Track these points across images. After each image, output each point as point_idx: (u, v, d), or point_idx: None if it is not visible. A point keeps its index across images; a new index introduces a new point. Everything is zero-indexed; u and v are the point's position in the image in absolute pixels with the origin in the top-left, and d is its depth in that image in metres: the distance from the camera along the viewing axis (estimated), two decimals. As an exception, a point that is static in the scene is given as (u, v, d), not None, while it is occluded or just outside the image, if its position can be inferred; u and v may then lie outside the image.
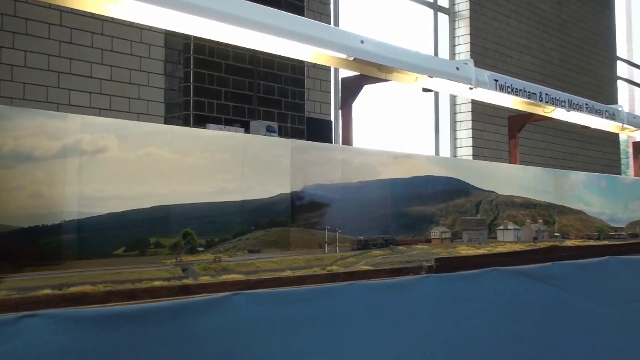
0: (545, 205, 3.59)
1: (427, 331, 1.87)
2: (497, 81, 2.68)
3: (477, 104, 7.22)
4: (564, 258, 2.43)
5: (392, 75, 2.39)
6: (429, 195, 2.88)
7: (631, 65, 11.61)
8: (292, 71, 5.41)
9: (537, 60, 8.68)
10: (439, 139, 7.65)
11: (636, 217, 4.34)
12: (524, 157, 8.02)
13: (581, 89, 9.32)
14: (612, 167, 9.72)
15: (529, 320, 2.24)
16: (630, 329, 2.72)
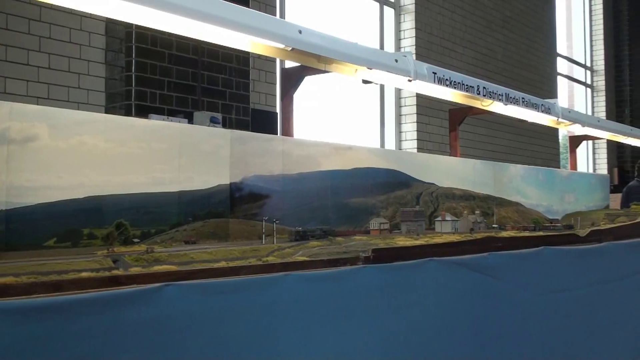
0: (484, 197, 3.66)
1: (363, 321, 1.88)
2: (435, 74, 2.71)
3: (422, 98, 7.30)
4: (499, 248, 2.48)
5: (332, 67, 2.39)
6: (370, 187, 2.90)
7: (571, 61, 11.91)
8: (236, 62, 5.36)
9: (481, 55, 8.82)
10: (385, 132, 7.71)
11: (572, 209, 4.47)
12: (469, 150, 8.17)
13: (523, 84, 9.53)
14: (552, 161, 9.99)
15: (465, 309, 2.27)
16: (562, 316, 2.79)
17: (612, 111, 12.36)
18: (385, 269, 1.96)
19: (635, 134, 5.01)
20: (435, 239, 2.29)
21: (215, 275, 1.51)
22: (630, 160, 11.82)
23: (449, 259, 2.21)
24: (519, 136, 9.26)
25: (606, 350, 3.21)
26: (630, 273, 3.48)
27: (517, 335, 2.54)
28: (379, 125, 7.70)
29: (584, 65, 12.25)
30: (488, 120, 7.95)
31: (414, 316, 2.07)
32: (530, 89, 9.45)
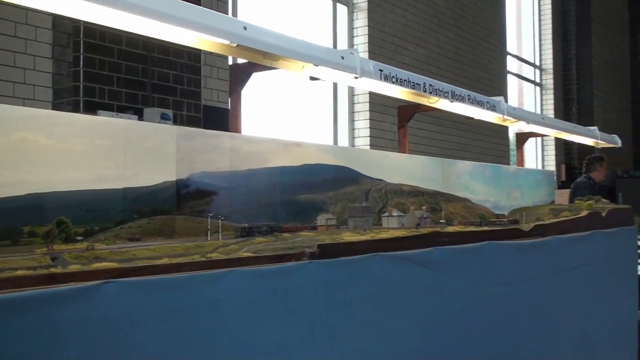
0: (433, 193, 3.71)
1: (309, 316, 1.90)
2: (382, 71, 2.74)
3: (375, 95, 7.36)
4: (445, 243, 2.52)
5: (279, 63, 2.39)
6: (319, 183, 2.92)
7: (520, 60, 12.15)
8: (188, 58, 5.32)
9: (433, 53, 8.94)
10: (338, 129, 7.75)
11: (518, 205, 4.56)
12: (422, 147, 8.28)
13: (473, 82, 9.69)
14: (502, 157, 10.18)
15: (410, 303, 2.31)
16: (506, 309, 2.86)
17: (560, 109, 12.66)
18: (331, 264, 1.98)
19: (578, 131, 5.15)
20: (381, 234, 2.32)
21: (157, 272, 1.50)
22: (577, 157, 12.14)
23: (395, 254, 2.24)
24: (470, 133, 9.41)
25: (550, 341, 3.30)
26: (572, 266, 3.58)
27: (462, 328, 2.59)
28: (332, 122, 7.73)
29: (533, 64, 12.52)
30: (440, 117, 8.06)
31: (359, 311, 2.09)
32: (481, 87, 9.62)
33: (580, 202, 4.24)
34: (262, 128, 6.74)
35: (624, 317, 4.43)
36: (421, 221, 2.73)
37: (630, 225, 4.67)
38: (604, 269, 4.02)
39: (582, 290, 3.70)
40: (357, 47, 7.82)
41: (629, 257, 4.65)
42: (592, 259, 3.82)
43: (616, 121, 15.59)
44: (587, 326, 3.77)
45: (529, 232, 3.21)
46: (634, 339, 4.59)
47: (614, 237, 4.22)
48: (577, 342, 3.64)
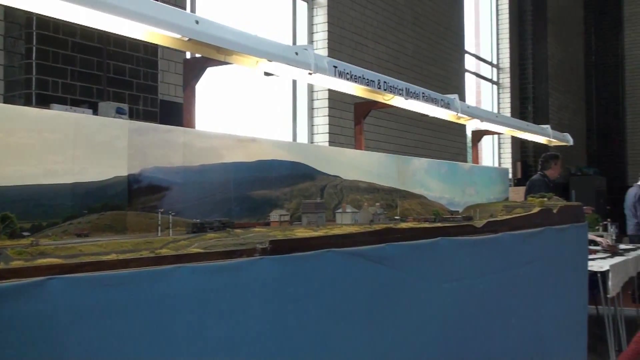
0: (389, 189, 3.75)
1: (260, 313, 1.89)
2: (336, 67, 2.74)
3: (334, 92, 7.37)
4: (398, 239, 2.54)
5: (232, 58, 2.38)
6: (274, 179, 2.92)
7: (478, 59, 12.31)
8: (144, 51, 5.25)
9: (392, 50, 8.99)
10: (297, 126, 7.74)
11: (473, 201, 4.63)
12: (381, 144, 8.33)
13: (432, 80, 9.79)
14: (460, 155, 10.31)
15: (363, 298, 2.32)
16: (458, 304, 2.90)
17: (516, 107, 12.88)
18: (283, 260, 1.98)
19: (531, 130, 5.25)
20: (334, 230, 2.32)
21: (104, 268, 1.48)
22: (533, 155, 12.37)
23: (347, 250, 2.25)
24: (429, 131, 9.50)
25: (501, 336, 3.36)
26: (524, 262, 3.65)
27: (414, 324, 2.62)
28: (291, 118, 7.72)
29: (491, 62, 12.70)
30: (400, 115, 8.12)
31: (312, 307, 2.10)
32: (439, 85, 9.73)
33: (533, 199, 4.32)
34: (221, 124, 6.70)
35: (574, 311, 4.54)
36: (375, 217, 2.75)
37: (581, 222, 4.78)
38: (555, 265, 4.11)
39: (533, 286, 3.77)
40: (316, 43, 7.83)
41: (580, 252, 4.76)
42: (543, 254, 3.90)
43: (570, 120, 15.93)
44: (539, 321, 3.84)
45: (481, 228, 3.26)
46: (584, 332, 4.70)
47: (565, 233, 4.31)
48: (529, 337, 3.71)
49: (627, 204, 10.14)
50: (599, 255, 6.89)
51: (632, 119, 17.09)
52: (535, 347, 3.76)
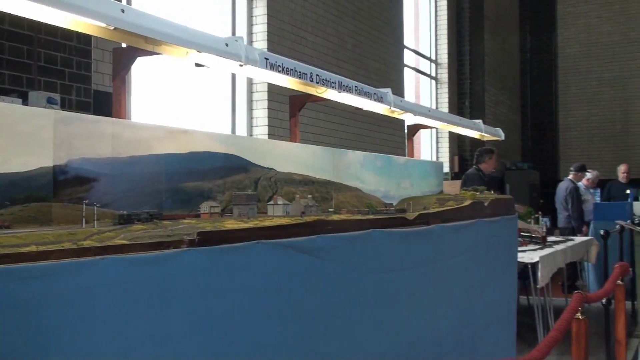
0: (324, 182, 3.77)
1: (187, 305, 1.88)
2: (267, 59, 2.74)
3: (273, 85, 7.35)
4: (329, 231, 2.56)
5: (161, 48, 2.35)
6: (206, 171, 2.90)
7: (417, 54, 12.48)
8: (77, 40, 5.13)
9: (332, 44, 9.03)
10: (236, 118, 7.70)
11: (407, 194, 4.70)
12: (320, 137, 8.36)
13: (371, 74, 9.88)
14: (398, 149, 10.44)
15: (294, 290, 2.33)
16: (389, 295, 2.95)
17: (454, 103, 13.12)
18: (211, 251, 1.97)
19: (464, 124, 5.36)
20: (265, 222, 2.33)
21: (22, 260, 1.45)
22: (469, 149, 12.63)
23: (278, 242, 2.26)
24: (368, 124, 9.59)
25: (432, 326, 3.43)
26: (455, 253, 3.73)
27: (346, 315, 2.65)
28: (230, 111, 7.67)
29: (429, 58, 12.89)
30: (339, 108, 8.15)
31: (241, 298, 2.10)
32: (379, 79, 9.82)
33: (465, 192, 4.42)
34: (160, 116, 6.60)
35: (504, 301, 4.67)
36: (307, 209, 2.77)
37: (512, 215, 4.92)
38: (485, 256, 4.22)
39: (464, 276, 3.86)
40: (256, 35, 7.80)
41: (510, 244, 4.90)
42: (474, 246, 3.99)
43: (506, 115, 16.33)
44: (469, 310, 3.94)
45: (413, 220, 3.31)
46: (513, 321, 4.84)
47: (496, 225, 4.43)
48: (459, 326, 3.80)
49: (558, 197, 10.49)
50: (529, 247, 7.10)
51: (564, 115, 17.65)
52: (465, 336, 3.86)
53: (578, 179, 10.61)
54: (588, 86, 17.43)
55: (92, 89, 5.26)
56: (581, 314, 2.83)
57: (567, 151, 17.44)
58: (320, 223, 2.54)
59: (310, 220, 2.50)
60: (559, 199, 10.46)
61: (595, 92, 17.35)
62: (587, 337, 2.80)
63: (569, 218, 10.22)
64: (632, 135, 16.80)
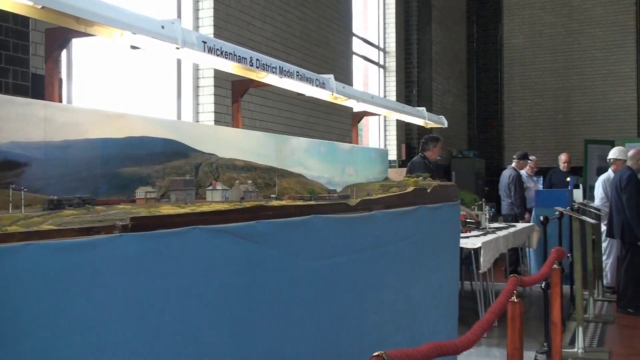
0: (267, 168, 3.75)
1: (120, 290, 1.85)
2: (205, 43, 2.70)
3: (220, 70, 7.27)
4: (269, 217, 2.55)
5: (95, 29, 2.29)
6: (145, 157, 2.85)
7: (366, 42, 12.52)
8: (14, 22, 4.96)
9: (280, 31, 8.97)
10: (181, 104, 7.59)
11: (352, 181, 4.73)
12: (267, 124, 8.32)
13: (320, 62, 9.87)
14: (347, 136, 10.46)
15: (232, 275, 2.31)
16: (330, 281, 2.95)
17: (401, 91, 13.23)
18: (145, 237, 1.94)
19: (407, 111, 5.41)
20: (202, 207, 2.30)
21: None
22: (416, 137, 12.76)
23: (215, 227, 2.23)
24: (316, 112, 9.59)
25: (373, 311, 3.46)
26: (397, 239, 3.76)
27: (285, 300, 2.64)
28: (176, 96, 7.56)
29: (377, 46, 12.95)
30: (288, 95, 8.12)
31: (177, 284, 2.07)
32: (327, 67, 9.82)
33: (408, 179, 4.46)
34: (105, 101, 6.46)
35: (445, 286, 4.74)
36: (246, 195, 2.75)
37: (454, 201, 4.99)
38: (427, 242, 4.27)
39: (406, 262, 3.90)
40: (202, 20, 7.69)
41: (452, 230, 4.98)
42: (416, 232, 4.03)
43: (452, 104, 16.57)
44: (411, 296, 3.99)
45: (355, 206, 3.32)
46: (455, 306, 4.93)
47: (438, 211, 4.49)
48: (401, 311, 3.84)
49: (502, 185, 10.71)
50: (473, 233, 7.23)
51: (509, 105, 18.01)
52: (407, 320, 3.90)
53: (521, 167, 10.85)
54: (532, 76, 17.82)
55: (30, 72, 5.11)
56: (516, 297, 2.90)
57: (512, 140, 17.82)
58: (259, 209, 2.53)
59: (250, 206, 2.49)
60: (502, 187, 10.68)
61: (539, 82, 17.75)
62: (522, 320, 2.87)
63: (511, 205, 10.45)
64: (573, 125, 17.27)
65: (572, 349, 6.36)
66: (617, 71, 16.96)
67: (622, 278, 8.24)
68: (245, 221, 2.42)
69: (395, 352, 1.65)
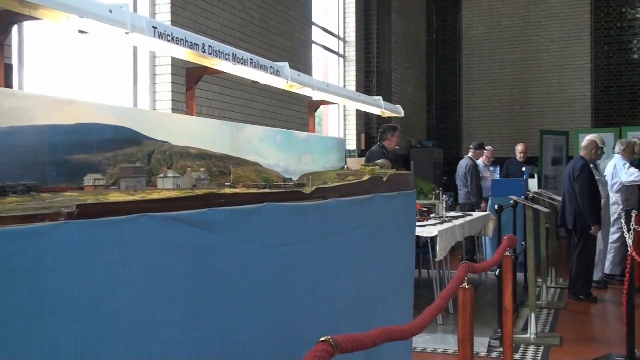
0: (222, 156, 3.73)
1: (65, 278, 1.82)
2: (155, 28, 2.66)
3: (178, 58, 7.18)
4: (222, 204, 2.54)
5: (39, 12, 2.23)
6: (95, 144, 2.80)
7: (326, 31, 12.51)
8: (-39, 5, 4.81)
9: (238, 18, 8.90)
10: (138, 91, 7.49)
11: (309, 169, 4.73)
12: (224, 112, 8.27)
13: (279, 50, 9.83)
14: (305, 125, 10.45)
15: (182, 263, 2.30)
16: (283, 269, 2.95)
17: (361, 81, 13.26)
18: (91, 224, 1.91)
19: (363, 100, 5.43)
20: (152, 194, 2.28)
21: None
22: (376, 127, 12.82)
23: (165, 215, 2.21)
24: (274, 100, 9.56)
25: (329, 298, 3.48)
26: (352, 227, 3.78)
27: (237, 288, 2.64)
28: (132, 84, 7.45)
29: (337, 35, 12.95)
30: (245, 84, 8.08)
31: (125, 272, 2.05)
32: (286, 55, 9.79)
33: (364, 168, 4.49)
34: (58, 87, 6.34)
35: (401, 273, 4.79)
36: (198, 183, 2.73)
37: (410, 190, 5.03)
38: (383, 230, 4.30)
39: (361, 250, 3.93)
40: (159, 7, 7.58)
41: (408, 218, 5.02)
42: (371, 220, 4.06)
43: (412, 94, 16.68)
44: (366, 283, 4.02)
45: (310, 194, 3.33)
46: (410, 294, 4.99)
47: (394, 200, 4.52)
48: (356, 299, 3.87)
49: (459, 174, 10.86)
50: (429, 221, 7.32)
51: (467, 95, 18.22)
52: (362, 308, 3.93)
53: (477, 157, 11.01)
54: (490, 67, 18.04)
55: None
56: (467, 283, 2.94)
57: (470, 130, 18.04)
58: (211, 196, 2.51)
59: (201, 193, 2.47)
60: (459, 176, 10.83)
61: (496, 74, 17.99)
62: (472, 306, 2.91)
63: (468, 194, 10.60)
64: (529, 115, 17.57)
65: (525, 335, 6.50)
66: (573, 63, 17.29)
67: (573, 266, 8.45)
68: (196, 209, 2.40)
69: (343, 337, 1.66)
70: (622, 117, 16.54)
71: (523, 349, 6.16)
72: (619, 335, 6.35)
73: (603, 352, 6.07)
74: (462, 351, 2.92)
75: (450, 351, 6.09)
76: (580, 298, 8.34)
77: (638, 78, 16.59)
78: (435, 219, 7.66)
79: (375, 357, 3.88)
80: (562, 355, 6.05)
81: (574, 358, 5.99)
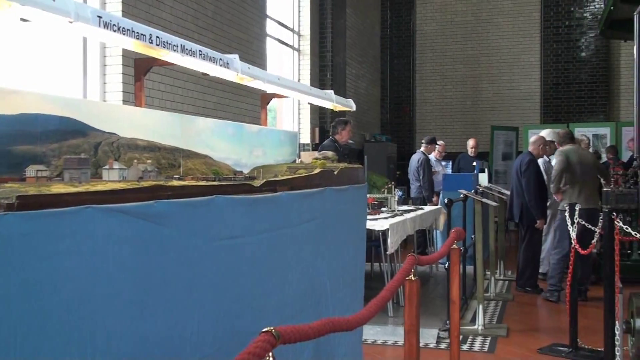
0: (171, 148, 3.70)
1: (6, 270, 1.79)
2: (100, 17, 2.62)
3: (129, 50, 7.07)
4: (169, 197, 2.52)
5: (-22, 0, 2.19)
6: (39, 135, 2.75)
7: (280, 24, 12.48)
8: None
9: (191, 10, 8.81)
10: (87, 83, 7.35)
11: (260, 162, 4.72)
12: (177, 105, 8.19)
13: (233, 43, 9.77)
14: (258, 118, 10.43)
15: (128, 256, 2.27)
16: (232, 261, 2.95)
17: (315, 75, 13.28)
18: (32, 216, 1.88)
19: (314, 94, 5.45)
20: (97, 186, 2.25)
21: None
22: (330, 121, 12.87)
23: (110, 207, 2.19)
24: (227, 93, 9.51)
25: (279, 291, 3.49)
26: (303, 220, 3.80)
27: (185, 281, 2.63)
28: (82, 74, 7.32)
29: (292, 29, 12.93)
30: (198, 76, 8.00)
31: (68, 264, 2.02)
32: (240, 48, 9.73)
33: (315, 161, 4.51)
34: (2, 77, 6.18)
35: (352, 266, 4.83)
36: (145, 175, 2.70)
37: (361, 183, 5.08)
38: (333, 223, 4.33)
39: (311, 243, 3.95)
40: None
41: (358, 211, 5.07)
42: (321, 213, 4.08)
43: (366, 89, 16.78)
44: (316, 276, 4.04)
45: (260, 187, 3.33)
46: (360, 287, 5.03)
47: (344, 193, 4.56)
48: (306, 292, 3.89)
49: (411, 168, 10.98)
50: (382, 215, 7.39)
51: (421, 90, 18.41)
52: (311, 301, 3.96)
53: (429, 151, 11.14)
54: (443, 63, 18.27)
55: None
56: (414, 275, 2.99)
57: (423, 125, 18.25)
58: (158, 188, 2.49)
59: (148, 185, 2.45)
60: (411, 170, 10.95)
61: (449, 70, 18.23)
62: (419, 297, 2.96)
63: (420, 188, 10.74)
64: (480, 111, 17.86)
65: (473, 326, 6.63)
66: (523, 60, 17.63)
67: (520, 258, 8.65)
68: (142, 201, 2.38)
69: (285, 328, 1.67)
70: (569, 113, 16.96)
71: (471, 340, 6.29)
72: (563, 326, 6.53)
73: (548, 342, 6.24)
74: (409, 342, 2.97)
75: (400, 343, 6.17)
76: (527, 290, 8.54)
77: (585, 75, 17.02)
78: (387, 212, 7.73)
79: (323, 350, 3.92)
80: (508, 346, 6.19)
81: (520, 348, 6.14)
